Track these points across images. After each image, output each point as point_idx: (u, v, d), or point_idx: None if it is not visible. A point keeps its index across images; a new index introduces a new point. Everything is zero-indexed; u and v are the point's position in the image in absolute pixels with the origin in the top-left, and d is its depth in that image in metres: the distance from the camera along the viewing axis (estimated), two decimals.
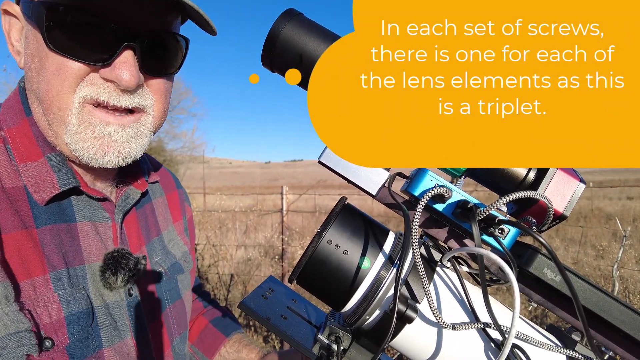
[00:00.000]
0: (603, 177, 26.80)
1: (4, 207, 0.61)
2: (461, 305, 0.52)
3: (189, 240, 1.01)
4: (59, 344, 0.60)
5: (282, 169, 77.87)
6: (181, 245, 0.94)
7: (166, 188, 0.97)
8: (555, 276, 0.51)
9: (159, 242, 0.87)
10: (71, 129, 0.63)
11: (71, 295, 0.64)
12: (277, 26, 0.51)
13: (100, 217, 0.73)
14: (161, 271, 0.83)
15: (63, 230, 0.66)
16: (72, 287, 0.64)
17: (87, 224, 0.70)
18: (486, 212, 0.47)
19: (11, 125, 0.68)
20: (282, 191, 5.05)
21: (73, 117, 0.63)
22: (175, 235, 0.94)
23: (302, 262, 0.49)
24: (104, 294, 0.69)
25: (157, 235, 0.87)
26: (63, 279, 0.64)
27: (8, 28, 0.67)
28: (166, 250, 0.88)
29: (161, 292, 0.83)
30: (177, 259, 0.90)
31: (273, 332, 0.60)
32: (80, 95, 0.62)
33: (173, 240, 0.92)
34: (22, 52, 0.66)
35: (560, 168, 0.51)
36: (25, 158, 0.66)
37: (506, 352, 0.45)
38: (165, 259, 0.86)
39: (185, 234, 1.00)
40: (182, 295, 0.89)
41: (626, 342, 0.51)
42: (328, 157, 0.52)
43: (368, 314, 0.49)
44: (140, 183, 0.84)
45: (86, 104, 0.63)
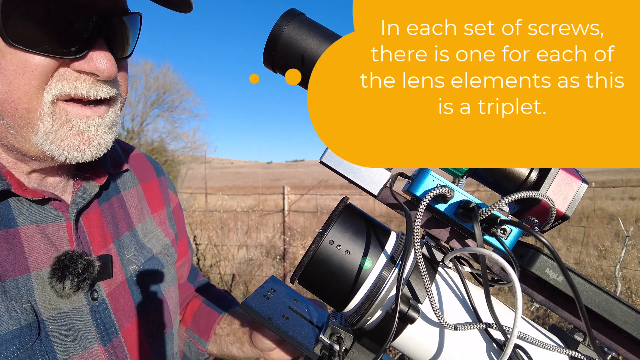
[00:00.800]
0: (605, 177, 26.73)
1: None
2: (463, 305, 0.52)
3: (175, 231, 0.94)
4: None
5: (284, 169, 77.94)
6: (161, 237, 0.87)
7: (142, 176, 0.89)
8: (558, 276, 0.50)
9: (131, 237, 0.80)
10: (44, 129, 0.58)
11: (5, 311, 0.56)
12: (279, 26, 0.51)
13: (51, 217, 0.66)
14: (134, 268, 0.77)
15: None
16: (8, 301, 0.57)
17: (31, 227, 0.63)
18: (488, 212, 0.47)
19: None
20: (284, 191, 5.05)
21: (45, 117, 0.58)
22: (155, 227, 0.87)
23: (304, 262, 0.49)
24: (58, 303, 0.63)
25: (129, 229, 0.80)
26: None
27: None
28: (140, 245, 0.81)
29: (135, 291, 0.76)
30: (155, 254, 0.83)
31: (275, 332, 0.60)
32: (53, 93, 0.57)
33: (151, 233, 0.85)
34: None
35: (562, 168, 0.50)
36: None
37: (508, 352, 0.45)
38: (139, 255, 0.79)
39: (170, 224, 0.93)
40: (164, 292, 0.83)
41: (629, 342, 0.51)
42: (330, 157, 0.52)
43: (370, 314, 0.49)
44: (99, 174, 0.76)
45: (58, 101, 0.58)
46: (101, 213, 0.75)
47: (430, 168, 0.51)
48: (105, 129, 0.64)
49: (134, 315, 0.74)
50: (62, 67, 0.58)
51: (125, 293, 0.73)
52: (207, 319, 0.97)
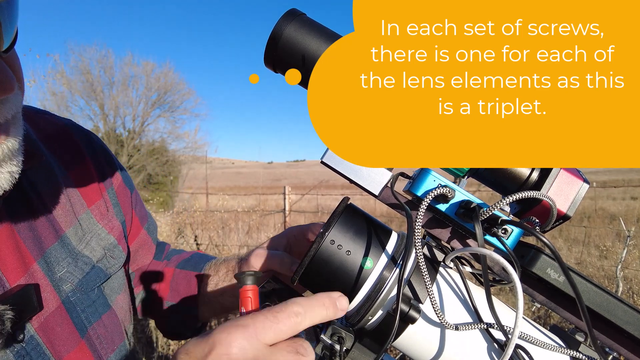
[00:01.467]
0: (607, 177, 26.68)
1: None
2: (464, 305, 0.52)
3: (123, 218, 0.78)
4: None
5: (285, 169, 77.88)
6: (104, 236, 0.72)
7: (70, 161, 0.71)
8: (559, 276, 0.50)
9: (61, 247, 0.64)
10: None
11: None
12: (280, 26, 0.51)
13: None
14: (69, 287, 0.64)
15: None
16: None
17: None
18: (489, 212, 0.47)
19: None
20: (285, 191, 5.05)
21: None
22: (94, 223, 0.71)
23: (304, 262, 0.49)
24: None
25: (57, 239, 0.65)
26: None
27: None
28: (74, 256, 0.66)
29: (75, 313, 0.64)
30: (96, 262, 0.69)
31: None
32: None
33: (90, 233, 0.70)
34: None
35: (563, 168, 0.50)
36: None
37: (509, 352, 0.45)
38: (73, 270, 0.65)
39: (116, 210, 0.77)
40: (112, 304, 0.72)
41: (630, 342, 0.51)
42: (330, 157, 0.52)
43: (371, 314, 0.49)
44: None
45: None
46: (13, 230, 0.58)
47: (431, 168, 0.51)
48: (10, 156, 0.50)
49: (76, 341, 0.63)
50: None
51: (62, 319, 0.61)
52: (186, 281, 0.84)
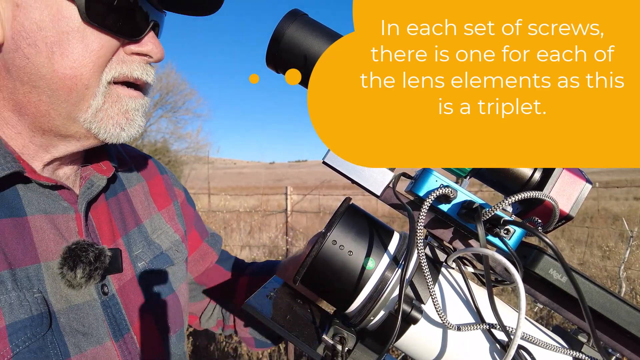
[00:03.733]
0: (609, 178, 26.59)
1: None
2: (466, 306, 0.52)
3: (184, 228, 0.92)
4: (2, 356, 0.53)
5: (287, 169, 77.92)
6: (171, 233, 0.86)
7: (147, 175, 0.88)
8: (561, 277, 0.50)
9: (139, 233, 0.78)
10: (96, 106, 0.61)
11: (16, 300, 0.55)
12: (282, 27, 0.51)
13: (60, 208, 0.65)
14: (143, 265, 0.76)
15: (8, 226, 0.58)
16: (19, 290, 0.56)
17: (40, 217, 0.62)
18: (491, 212, 0.47)
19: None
20: (287, 192, 5.05)
21: (99, 95, 0.60)
22: (163, 223, 0.85)
23: (306, 263, 0.49)
24: (69, 295, 0.61)
25: (136, 226, 0.79)
26: (6, 281, 0.56)
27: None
28: (149, 242, 0.79)
29: (145, 288, 0.74)
30: (164, 250, 0.81)
31: (277, 332, 0.60)
32: (112, 74, 0.61)
33: (159, 230, 0.84)
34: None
35: (565, 168, 0.50)
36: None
37: (512, 353, 0.45)
38: (147, 251, 0.78)
39: (179, 220, 0.91)
40: (175, 289, 0.81)
41: (633, 343, 0.51)
42: (332, 157, 0.52)
43: (373, 314, 0.49)
44: (106, 168, 0.75)
45: (111, 84, 0.62)
46: (109, 208, 0.74)
47: (433, 168, 0.51)
48: (143, 113, 0.67)
49: (144, 312, 0.73)
50: (120, 50, 0.62)
51: (135, 289, 0.72)
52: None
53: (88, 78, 0.59)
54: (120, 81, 0.63)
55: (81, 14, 0.56)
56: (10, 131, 0.61)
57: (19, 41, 0.56)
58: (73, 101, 0.59)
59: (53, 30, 0.56)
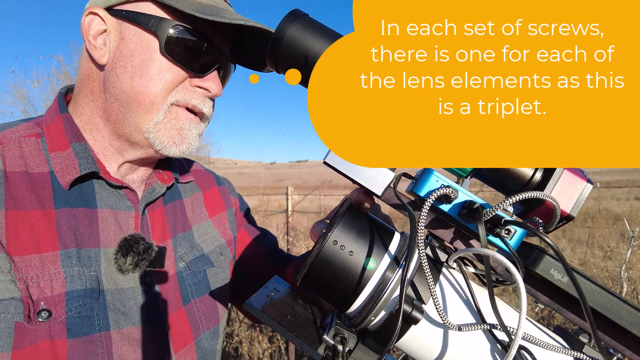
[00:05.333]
0: (611, 178, 26.55)
1: (26, 188, 0.70)
2: (467, 306, 0.51)
3: (235, 234, 1.03)
4: (57, 316, 0.66)
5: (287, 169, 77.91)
6: (217, 238, 0.97)
7: (204, 186, 1.02)
8: (562, 277, 0.50)
9: (186, 237, 0.90)
10: (157, 120, 0.74)
11: (77, 273, 0.69)
12: (283, 27, 0.51)
13: (124, 206, 0.79)
14: (183, 265, 0.86)
15: (81, 214, 0.73)
16: (80, 266, 0.70)
17: (107, 211, 0.77)
18: (492, 212, 0.47)
19: (49, 123, 0.78)
20: (287, 192, 5.05)
21: (161, 111, 0.74)
22: (212, 229, 0.97)
23: (307, 263, 0.49)
24: (117, 278, 0.74)
25: (184, 230, 0.91)
26: (73, 258, 0.69)
27: (87, 27, 0.76)
28: (192, 245, 0.91)
29: (184, 285, 0.85)
30: (206, 252, 0.92)
31: (278, 332, 0.60)
32: (175, 98, 0.75)
33: (206, 235, 0.95)
34: (104, 51, 0.75)
35: (567, 168, 0.50)
36: (56, 148, 0.76)
37: (513, 353, 0.45)
38: (189, 253, 0.89)
39: (230, 225, 1.03)
40: (212, 287, 0.91)
41: (635, 344, 0.51)
42: (333, 158, 0.52)
43: (373, 314, 0.49)
44: (167, 178, 0.90)
45: (173, 105, 0.76)
46: (164, 212, 0.88)
47: (434, 168, 0.51)
48: (196, 135, 0.80)
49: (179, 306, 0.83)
50: (186, 81, 0.76)
51: (173, 285, 0.83)
52: None
53: (155, 96, 0.73)
54: (182, 105, 0.77)
55: (160, 48, 0.72)
56: (97, 134, 0.78)
57: (115, 63, 0.74)
58: (140, 113, 0.74)
59: (140, 57, 0.73)
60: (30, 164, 0.73)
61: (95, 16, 0.76)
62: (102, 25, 0.76)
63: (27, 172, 0.72)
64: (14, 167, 0.71)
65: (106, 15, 0.75)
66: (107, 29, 0.75)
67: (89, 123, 0.78)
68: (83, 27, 0.76)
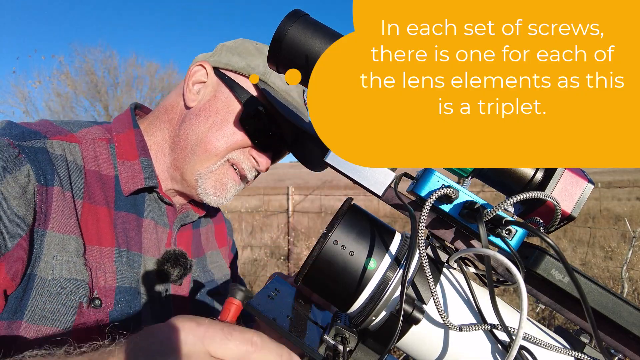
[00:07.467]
0: (612, 178, 26.49)
1: (98, 185, 0.79)
2: (468, 306, 0.51)
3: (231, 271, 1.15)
4: (106, 307, 0.73)
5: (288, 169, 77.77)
6: (224, 268, 1.08)
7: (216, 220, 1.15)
8: (563, 277, 0.50)
9: (200, 261, 1.00)
10: (211, 169, 0.87)
11: (126, 271, 0.78)
12: (284, 27, 0.51)
13: (162, 222, 0.90)
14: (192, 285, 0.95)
15: (132, 220, 0.83)
16: (128, 265, 0.79)
17: (151, 222, 0.87)
18: (493, 212, 0.47)
19: (119, 132, 0.88)
20: (288, 192, 5.05)
21: (217, 163, 0.87)
22: (220, 258, 1.08)
23: (308, 263, 0.49)
24: (149, 285, 0.82)
25: (200, 255, 1.01)
26: (123, 256, 0.78)
27: (192, 74, 0.90)
28: (205, 270, 1.01)
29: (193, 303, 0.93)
30: (215, 279, 1.02)
31: (279, 332, 0.60)
32: (231, 157, 0.88)
33: (216, 263, 1.06)
34: (196, 98, 0.89)
35: (567, 168, 0.50)
36: (124, 157, 0.85)
37: (513, 353, 0.45)
38: (201, 277, 0.98)
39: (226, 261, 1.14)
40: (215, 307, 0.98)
41: (636, 344, 0.51)
42: (334, 157, 0.52)
43: (374, 314, 0.49)
44: (199, 210, 1.02)
45: (227, 161, 0.88)
46: (191, 235, 0.99)
47: (435, 168, 0.51)
48: (233, 194, 0.92)
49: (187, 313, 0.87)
50: (246, 148, 0.89)
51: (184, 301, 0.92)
52: None
53: (220, 150, 0.86)
54: (234, 164, 0.89)
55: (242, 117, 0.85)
56: (161, 157, 0.91)
57: (200, 112, 0.87)
58: (202, 158, 0.86)
59: (222, 116, 0.86)
60: (101, 166, 0.82)
61: (202, 69, 0.90)
62: (204, 78, 0.90)
63: (99, 172, 0.81)
64: (90, 166, 0.80)
65: (211, 72, 0.89)
66: (206, 82, 0.89)
67: (158, 145, 0.91)
68: (189, 72, 0.90)
